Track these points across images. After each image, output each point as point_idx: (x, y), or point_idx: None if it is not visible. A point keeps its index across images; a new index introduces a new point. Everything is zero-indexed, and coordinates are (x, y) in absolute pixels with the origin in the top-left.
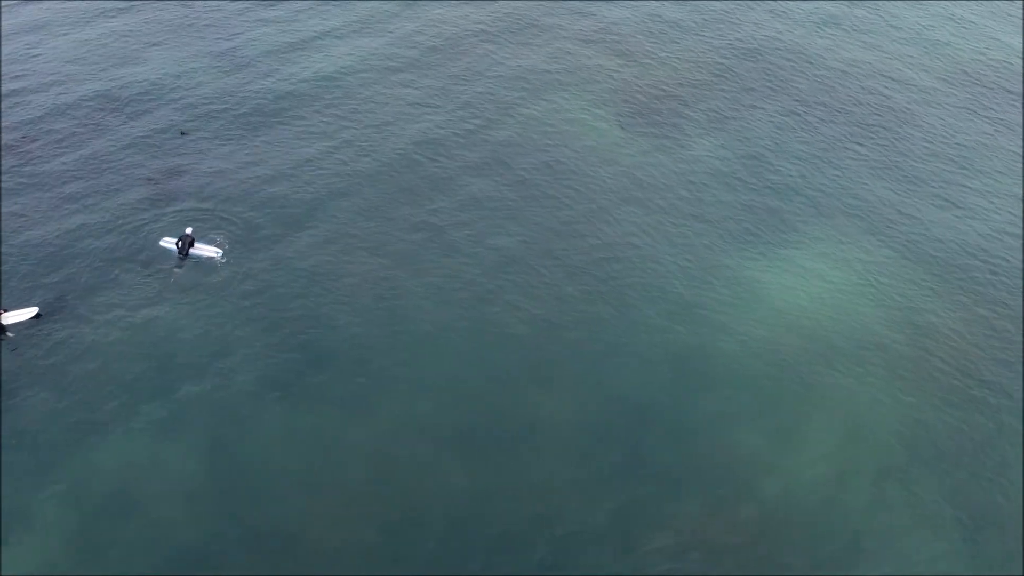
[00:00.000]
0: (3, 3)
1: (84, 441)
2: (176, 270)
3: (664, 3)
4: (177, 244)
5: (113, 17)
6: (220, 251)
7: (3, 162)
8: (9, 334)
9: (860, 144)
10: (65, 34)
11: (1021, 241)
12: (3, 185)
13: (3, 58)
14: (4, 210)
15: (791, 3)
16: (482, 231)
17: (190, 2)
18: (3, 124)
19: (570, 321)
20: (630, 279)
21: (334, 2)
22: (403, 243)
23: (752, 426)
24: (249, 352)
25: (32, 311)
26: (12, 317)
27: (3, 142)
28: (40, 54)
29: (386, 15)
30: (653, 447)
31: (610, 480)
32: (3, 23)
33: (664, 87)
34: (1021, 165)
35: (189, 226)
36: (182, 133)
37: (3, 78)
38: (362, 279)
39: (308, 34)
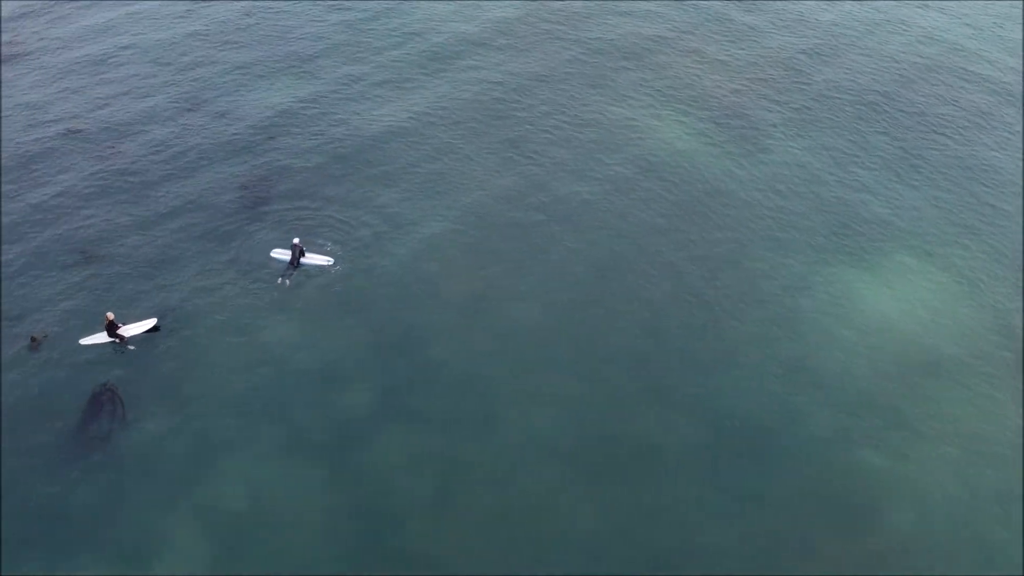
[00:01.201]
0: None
1: (207, 461)
2: (286, 280)
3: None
4: (290, 255)
5: (182, 18)
6: (331, 259)
7: (92, 168)
8: (130, 347)
9: (949, 139)
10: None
11: None
12: (95, 192)
13: (85, 61)
14: (101, 218)
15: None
16: (576, 235)
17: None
18: (91, 129)
19: (675, 327)
20: (726, 285)
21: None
22: (503, 247)
23: (870, 443)
24: (361, 366)
25: (151, 322)
26: (132, 329)
27: (93, 149)
28: (117, 57)
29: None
30: (773, 466)
31: (736, 503)
32: (79, 24)
33: (744, 90)
34: None
35: (296, 236)
36: (269, 138)
37: (86, 81)
38: (468, 288)
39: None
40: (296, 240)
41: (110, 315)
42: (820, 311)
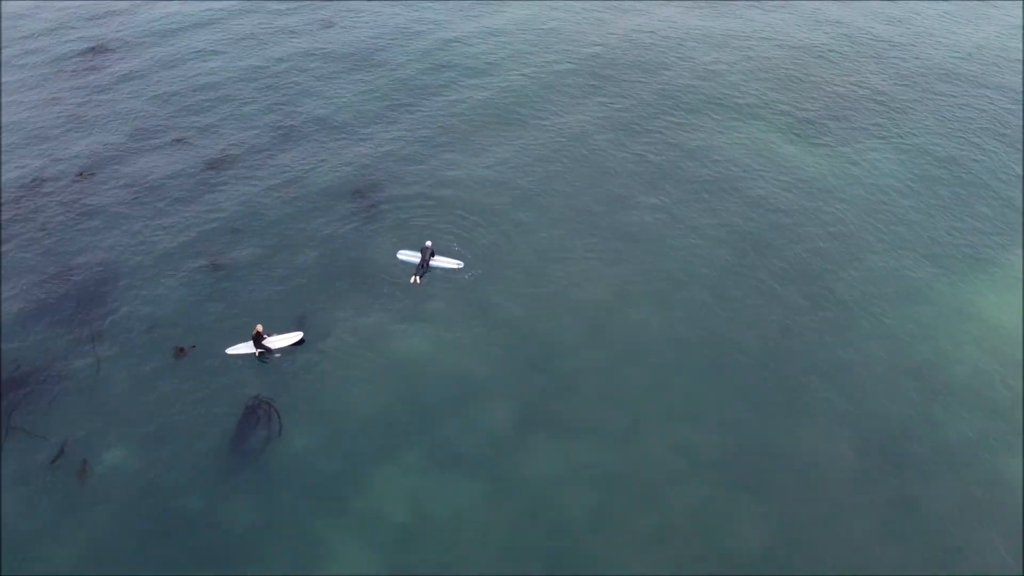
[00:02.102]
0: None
1: (361, 474)
2: (418, 279)
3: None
4: (420, 258)
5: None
6: (461, 263)
7: (208, 178)
8: (276, 355)
9: None
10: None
11: None
12: (209, 200)
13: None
14: (220, 227)
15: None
16: (697, 239)
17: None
18: (198, 141)
19: (803, 332)
20: (851, 288)
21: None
22: (625, 251)
23: (1012, 453)
24: (497, 376)
25: (297, 336)
26: (278, 341)
27: (198, 156)
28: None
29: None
30: (919, 472)
31: (890, 518)
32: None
33: (841, 95)
34: None
35: (428, 239)
36: (374, 143)
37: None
38: (596, 294)
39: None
40: (428, 243)
41: (259, 327)
42: (946, 313)
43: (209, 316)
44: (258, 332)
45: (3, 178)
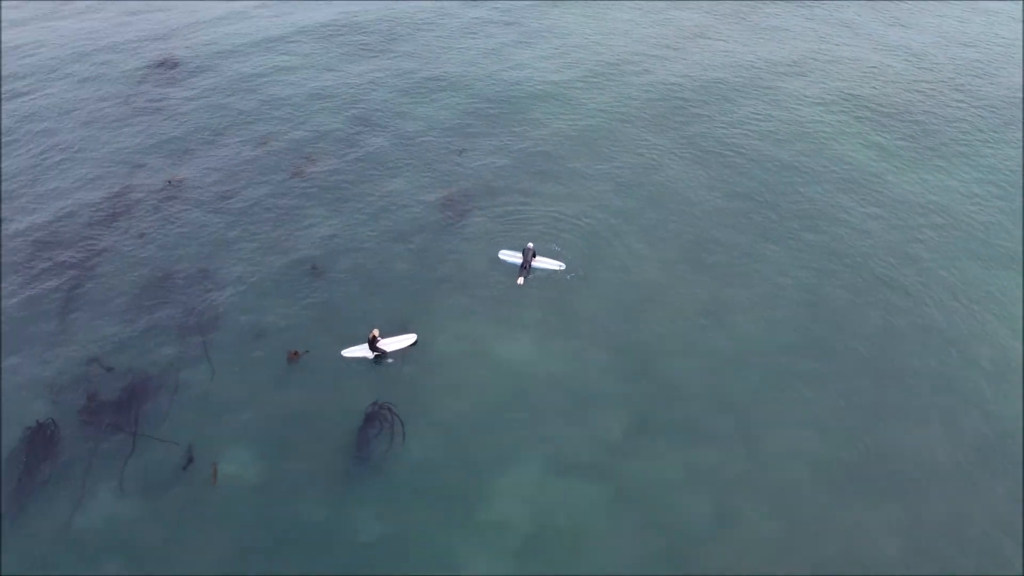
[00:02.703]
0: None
1: (483, 481)
2: (522, 283)
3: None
4: (522, 259)
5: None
6: (562, 264)
7: (296, 186)
8: (389, 360)
9: None
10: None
11: None
12: (301, 206)
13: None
14: (317, 233)
15: None
16: (789, 241)
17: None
18: (282, 146)
19: (910, 330)
20: (938, 291)
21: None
22: (720, 255)
23: None
24: (604, 380)
25: (411, 338)
26: (392, 343)
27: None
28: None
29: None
30: None
31: (1012, 517)
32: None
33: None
34: None
35: (530, 241)
36: (460, 151)
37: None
38: (694, 296)
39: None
40: (530, 244)
41: (376, 331)
42: None
43: (314, 322)
44: (374, 336)
45: (89, 179)
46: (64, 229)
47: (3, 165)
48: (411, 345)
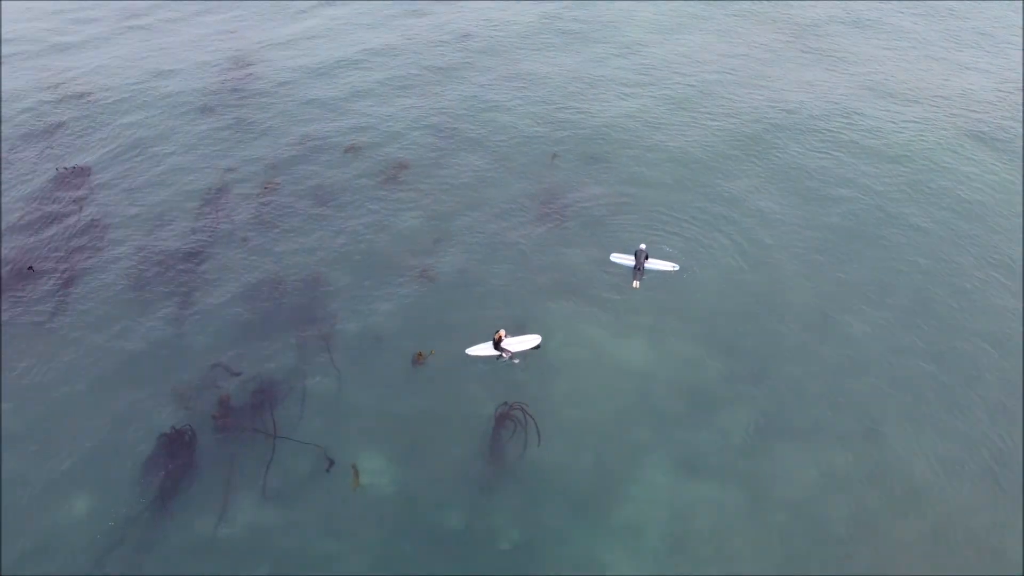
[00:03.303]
0: None
1: (615, 482)
2: (637, 286)
3: None
4: (635, 260)
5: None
6: (676, 265)
7: (390, 191)
8: (515, 360)
9: None
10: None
11: None
12: (401, 209)
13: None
14: (414, 237)
15: None
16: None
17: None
18: (369, 154)
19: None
20: None
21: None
22: (835, 257)
23: None
24: (722, 382)
25: (535, 339)
26: (517, 344)
27: (380, 172)
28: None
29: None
30: None
31: None
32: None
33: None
34: None
35: (642, 243)
36: (553, 156)
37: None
38: (804, 298)
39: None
40: (642, 245)
41: (502, 331)
42: None
43: (429, 325)
44: (500, 335)
45: (187, 191)
46: (166, 238)
47: (100, 180)
48: (534, 347)
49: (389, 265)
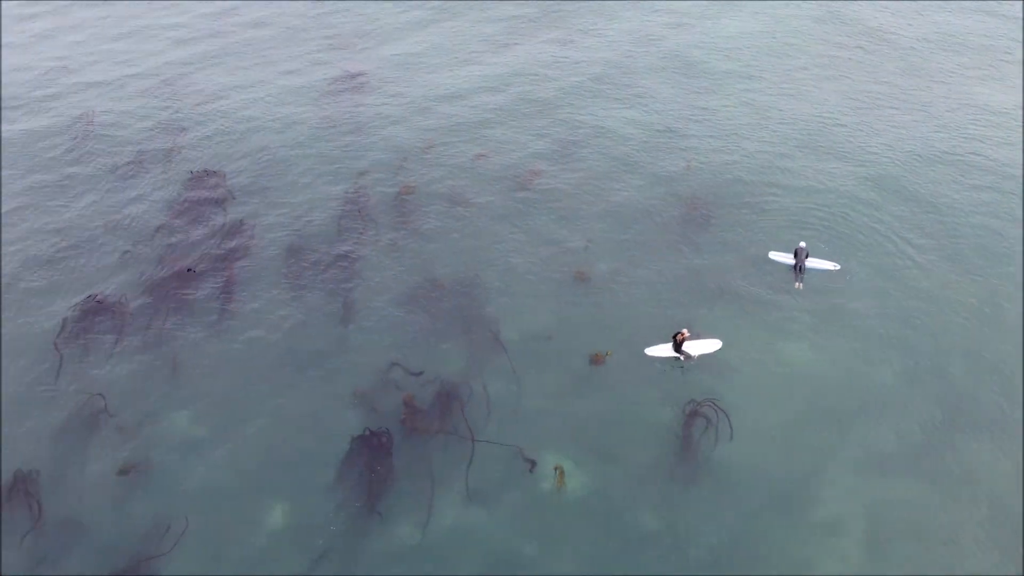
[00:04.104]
0: None
1: (807, 481)
2: (800, 286)
3: None
4: (795, 260)
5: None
6: (837, 264)
7: (522, 196)
8: (692, 361)
9: None
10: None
11: None
12: (536, 213)
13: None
14: (564, 241)
15: None
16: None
17: None
18: (498, 159)
19: None
20: None
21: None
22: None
23: None
24: (898, 379)
25: (715, 343)
26: (697, 347)
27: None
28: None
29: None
30: None
31: None
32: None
33: None
34: None
35: (802, 240)
36: (687, 164)
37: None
38: (966, 300)
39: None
40: (802, 244)
41: (685, 331)
42: None
43: (595, 325)
44: (683, 336)
45: (325, 193)
46: (314, 239)
47: (236, 183)
48: (714, 351)
49: (541, 267)
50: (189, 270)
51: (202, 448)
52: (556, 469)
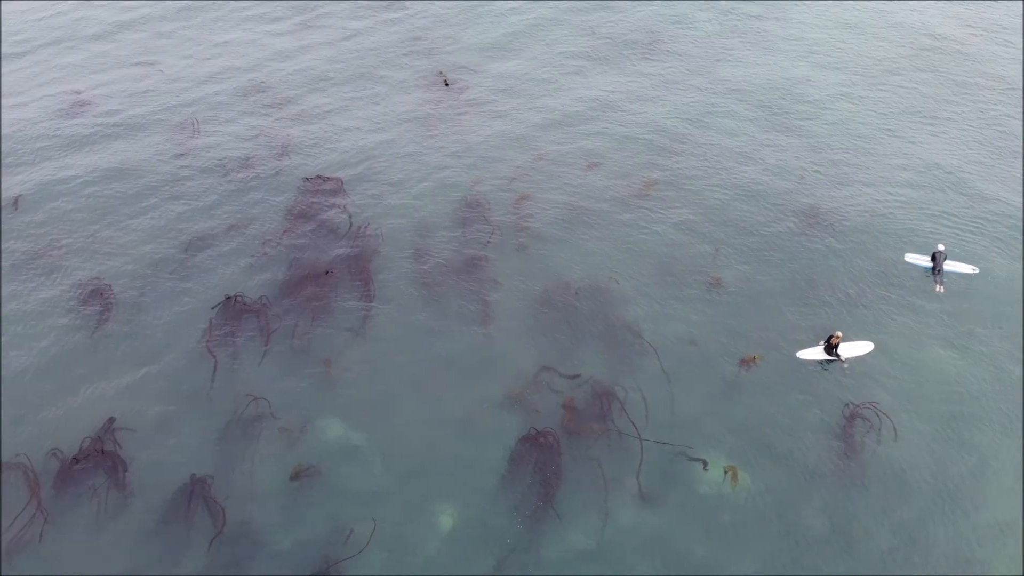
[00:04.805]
0: None
1: (971, 482)
2: (940, 286)
3: None
4: (933, 262)
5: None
6: (975, 268)
7: (638, 204)
8: (845, 366)
9: None
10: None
11: None
12: (655, 219)
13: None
14: (691, 246)
15: None
16: None
17: None
18: (610, 167)
19: None
20: None
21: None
22: None
23: None
24: None
25: (868, 346)
26: (850, 350)
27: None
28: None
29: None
30: None
31: None
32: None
33: None
34: None
35: (940, 243)
36: (802, 176)
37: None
38: None
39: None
40: (940, 247)
41: (840, 334)
42: None
43: (737, 329)
44: (837, 339)
45: (444, 199)
46: (440, 244)
47: (352, 188)
48: (866, 353)
49: (672, 272)
50: (327, 272)
51: (362, 452)
52: (728, 470)
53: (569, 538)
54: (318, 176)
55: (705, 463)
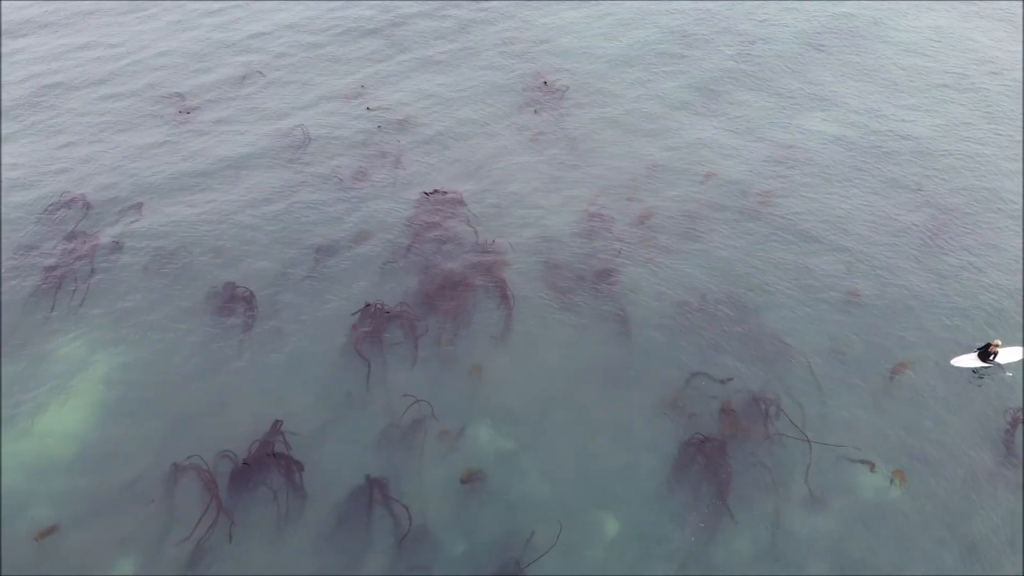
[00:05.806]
0: None
1: None
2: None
3: None
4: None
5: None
6: None
7: (767, 215)
8: (1008, 373)
9: None
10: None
11: None
12: (790, 235)
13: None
14: (821, 266)
15: None
16: None
17: None
18: (723, 182)
19: None
20: None
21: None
22: None
23: None
24: None
25: (1021, 352)
26: (1007, 355)
27: (742, 206)
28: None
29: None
30: None
31: None
32: None
33: None
34: None
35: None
36: (919, 187)
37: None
38: None
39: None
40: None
41: (998, 342)
42: None
43: (882, 340)
44: (996, 347)
45: (565, 211)
46: (568, 257)
47: (471, 202)
48: (1020, 359)
49: (807, 282)
50: (462, 283)
51: (517, 458)
52: (894, 474)
53: (743, 540)
54: (436, 191)
55: (872, 465)
